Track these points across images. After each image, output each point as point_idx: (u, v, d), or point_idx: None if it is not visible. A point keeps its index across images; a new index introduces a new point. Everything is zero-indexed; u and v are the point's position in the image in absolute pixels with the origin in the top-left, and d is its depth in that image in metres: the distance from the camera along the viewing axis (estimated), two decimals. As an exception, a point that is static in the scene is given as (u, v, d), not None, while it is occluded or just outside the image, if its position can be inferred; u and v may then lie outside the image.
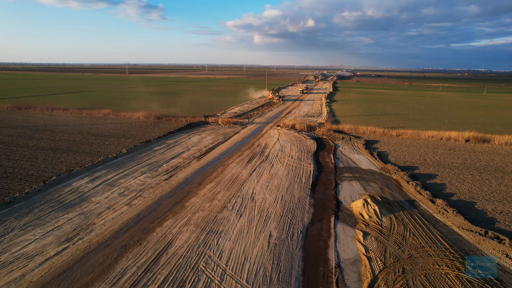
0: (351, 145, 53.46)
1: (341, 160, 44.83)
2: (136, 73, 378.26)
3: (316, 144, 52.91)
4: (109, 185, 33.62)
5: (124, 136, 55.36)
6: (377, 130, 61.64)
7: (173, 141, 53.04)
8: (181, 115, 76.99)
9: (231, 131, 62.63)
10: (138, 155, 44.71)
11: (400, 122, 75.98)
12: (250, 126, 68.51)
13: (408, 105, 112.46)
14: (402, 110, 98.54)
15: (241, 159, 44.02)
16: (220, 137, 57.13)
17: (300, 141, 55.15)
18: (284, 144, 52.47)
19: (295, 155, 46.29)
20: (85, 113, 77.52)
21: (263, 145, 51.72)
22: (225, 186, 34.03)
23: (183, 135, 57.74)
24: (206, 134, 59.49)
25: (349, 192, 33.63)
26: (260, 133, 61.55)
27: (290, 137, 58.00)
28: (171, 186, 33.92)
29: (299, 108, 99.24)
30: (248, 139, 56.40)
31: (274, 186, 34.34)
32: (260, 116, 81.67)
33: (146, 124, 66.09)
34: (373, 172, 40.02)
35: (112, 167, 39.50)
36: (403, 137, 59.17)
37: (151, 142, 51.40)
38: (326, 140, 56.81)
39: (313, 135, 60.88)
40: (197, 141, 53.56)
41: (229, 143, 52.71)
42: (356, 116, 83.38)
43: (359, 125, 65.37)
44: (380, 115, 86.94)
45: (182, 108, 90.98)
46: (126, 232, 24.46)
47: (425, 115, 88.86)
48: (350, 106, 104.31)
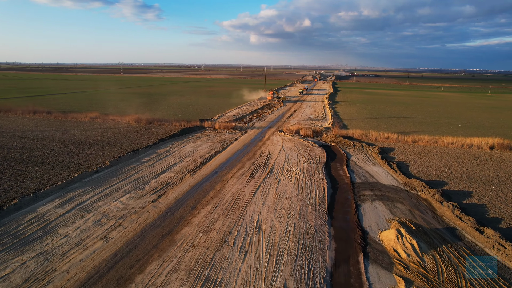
0: (365, 154, 47.77)
1: (357, 174, 39.10)
2: (131, 73, 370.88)
3: (326, 153, 47.17)
4: (83, 210, 27.58)
5: (110, 144, 49.26)
6: (391, 136, 56.05)
7: (165, 150, 47.02)
8: (175, 118, 70.96)
9: (229, 137, 56.72)
10: (123, 169, 38.65)
11: (411, 126, 70.51)
12: (250, 131, 62.65)
13: (414, 106, 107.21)
14: (410, 112, 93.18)
15: (242, 172, 38.13)
16: (217, 145, 51.20)
17: (307, 149, 49.38)
18: (289, 153, 46.67)
19: (304, 167, 40.49)
20: (70, 117, 71.24)
21: (266, 155, 45.88)
22: (225, 211, 28.14)
23: (176, 143, 51.72)
24: (201, 141, 53.52)
25: (374, 217, 27.89)
26: (262, 139, 55.68)
27: (295, 144, 52.21)
28: (159, 210, 27.97)
29: (301, 110, 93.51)
30: (249, 147, 50.53)
31: (284, 210, 28.51)
32: (260, 119, 75.82)
33: (136, 130, 59.97)
34: (397, 189, 34.32)
35: (90, 184, 33.43)
36: (419, 144, 53.61)
37: (139, 152, 45.32)
38: (335, 148, 51.10)
39: (320, 142, 55.15)
40: (191, 150, 47.60)
41: (227, 152, 46.80)
42: (363, 119, 77.81)
43: (370, 130, 59.74)
44: (387, 118, 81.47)
45: (176, 111, 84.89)
46: (95, 285, 18.49)
47: (435, 117, 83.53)
48: (355, 108, 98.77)
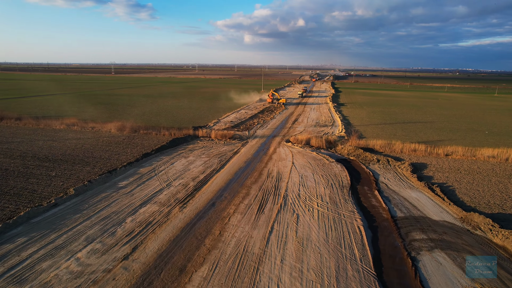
0: (394, 172, 39.17)
1: (395, 203, 30.45)
2: (123, 73, 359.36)
3: (347, 172, 38.49)
4: (13, 283, 18.43)
5: (82, 160, 40.02)
6: (418, 148, 47.61)
7: (149, 170, 37.90)
8: (165, 125, 61.86)
9: (228, 150, 47.76)
10: (92, 199, 29.51)
11: (433, 133, 62.21)
12: (252, 141, 53.73)
13: (425, 109, 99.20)
14: (424, 116, 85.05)
15: (247, 204, 29.23)
16: (214, 160, 42.21)
17: (324, 166, 40.63)
18: (303, 173, 37.87)
19: (326, 194, 31.73)
20: (43, 124, 61.64)
21: (275, 175, 37.03)
22: (228, 277, 19.24)
23: (163, 159, 42.60)
24: (195, 155, 44.49)
25: (443, 282, 19.21)
26: (267, 153, 46.82)
27: (307, 159, 43.45)
28: (131, 277, 18.97)
29: (305, 114, 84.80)
30: (253, 163, 41.64)
31: (313, 273, 19.69)
32: (262, 126, 66.90)
33: (117, 141, 50.71)
34: (455, 228, 25.70)
35: (40, 228, 24.27)
36: (454, 157, 45.20)
37: (116, 173, 36.14)
38: (357, 164, 42.46)
39: (336, 155, 46.50)
40: (182, 169, 38.56)
41: (227, 172, 37.84)
42: (376, 125, 69.36)
43: (392, 140, 51.20)
44: (403, 123, 73.16)
45: (166, 116, 75.63)
46: None
47: (454, 122, 75.46)
48: (363, 112, 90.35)
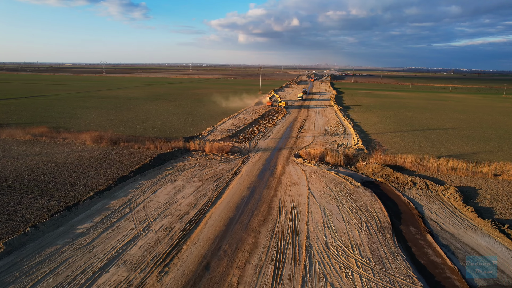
0: (440, 202, 30.52)
1: (461, 257, 21.78)
2: (114, 73, 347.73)
3: (381, 202, 29.75)
4: None
5: (37, 188, 30.78)
6: (457, 165, 39.10)
7: (123, 203, 28.75)
8: (151, 135, 52.76)
9: (226, 169, 38.75)
10: (29, 261, 20.33)
11: (462, 143, 53.90)
12: (254, 156, 44.79)
13: (439, 113, 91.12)
14: (440, 121, 76.87)
15: (257, 265, 20.30)
16: (208, 186, 33.17)
17: (349, 193, 31.85)
18: (326, 205, 29.05)
19: (363, 243, 22.94)
20: (5, 134, 52.03)
21: (289, 209, 28.16)
22: None
23: (144, 184, 33.44)
24: (185, 178, 35.41)
25: None
26: (275, 173, 37.90)
27: (326, 182, 34.64)
28: None
29: (311, 119, 76.05)
30: (258, 189, 32.71)
31: None
32: (264, 135, 57.94)
33: (91, 157, 41.45)
34: None
35: None
36: (506, 178, 36.74)
37: (77, 209, 26.95)
38: (388, 189, 33.77)
39: (359, 175, 37.83)
40: (167, 200, 29.50)
41: (226, 205, 28.86)
42: (394, 133, 60.85)
43: (423, 155, 42.60)
44: (421, 130, 64.81)
45: (155, 123, 66.36)
46: None
47: (478, 129, 67.33)
48: (374, 116, 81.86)
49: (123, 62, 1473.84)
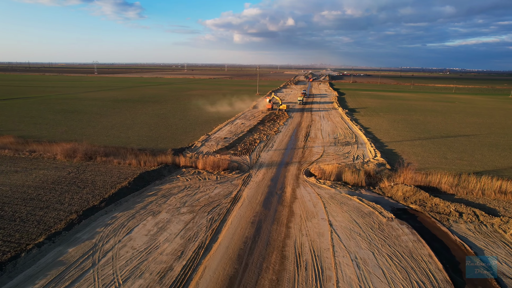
0: (505, 244, 23.44)
1: None
2: (108, 73, 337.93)
3: (427, 244, 22.59)
4: None
5: (-27, 228, 23.12)
6: (506, 187, 32.21)
7: (84, 252, 21.25)
8: (135, 146, 45.35)
9: (223, 193, 31.39)
10: None
11: (493, 154, 47.18)
12: (256, 173, 37.44)
13: (451, 116, 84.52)
14: (458, 126, 70.19)
15: None
16: (201, 220, 25.76)
17: (381, 230, 24.66)
18: (357, 251, 21.82)
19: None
20: (-38, 147, 44.16)
21: (309, 260, 20.90)
22: None
23: (118, 218, 25.91)
24: (171, 208, 27.98)
25: None
26: (283, 199, 30.59)
27: (350, 213, 27.43)
28: None
29: (316, 125, 68.88)
30: (265, 225, 25.41)
31: None
32: (266, 145, 50.59)
33: (58, 176, 33.87)
34: None
35: None
36: None
37: (14, 267, 19.43)
38: (428, 221, 26.67)
39: (387, 200, 30.72)
40: (145, 246, 22.06)
41: (223, 254, 21.50)
42: (412, 142, 53.91)
43: (461, 173, 35.54)
44: (440, 137, 57.97)
45: (142, 130, 58.76)
46: None
47: (502, 135, 60.75)
48: (384, 121, 74.93)
49: (118, 62, 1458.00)
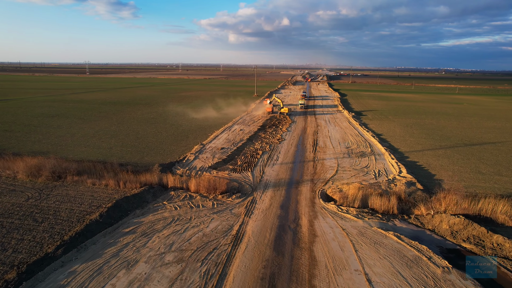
0: None
1: None
2: (100, 74, 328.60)
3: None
4: None
5: None
6: None
7: None
8: (115, 160, 38.28)
9: (221, 229, 24.44)
10: None
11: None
12: (262, 197, 30.54)
13: (466, 120, 78.38)
14: (477, 131, 64.00)
15: None
16: (192, 277, 18.81)
17: (442, 291, 17.86)
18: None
19: None
20: None
21: None
22: None
23: (77, 275, 18.84)
24: (152, 255, 20.99)
25: None
26: (300, 239, 23.72)
27: (391, 261, 20.68)
28: None
29: (322, 131, 62.15)
30: (280, 283, 18.47)
31: None
32: (270, 157, 43.67)
33: (12, 204, 26.73)
34: None
35: None
36: None
37: None
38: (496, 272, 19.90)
39: (429, 235, 24.02)
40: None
41: None
42: (434, 151, 47.43)
43: None
44: (464, 146, 51.62)
45: (127, 138, 51.58)
46: None
47: (531, 143, 54.42)
48: (396, 126, 68.46)
49: (112, 62, 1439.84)
